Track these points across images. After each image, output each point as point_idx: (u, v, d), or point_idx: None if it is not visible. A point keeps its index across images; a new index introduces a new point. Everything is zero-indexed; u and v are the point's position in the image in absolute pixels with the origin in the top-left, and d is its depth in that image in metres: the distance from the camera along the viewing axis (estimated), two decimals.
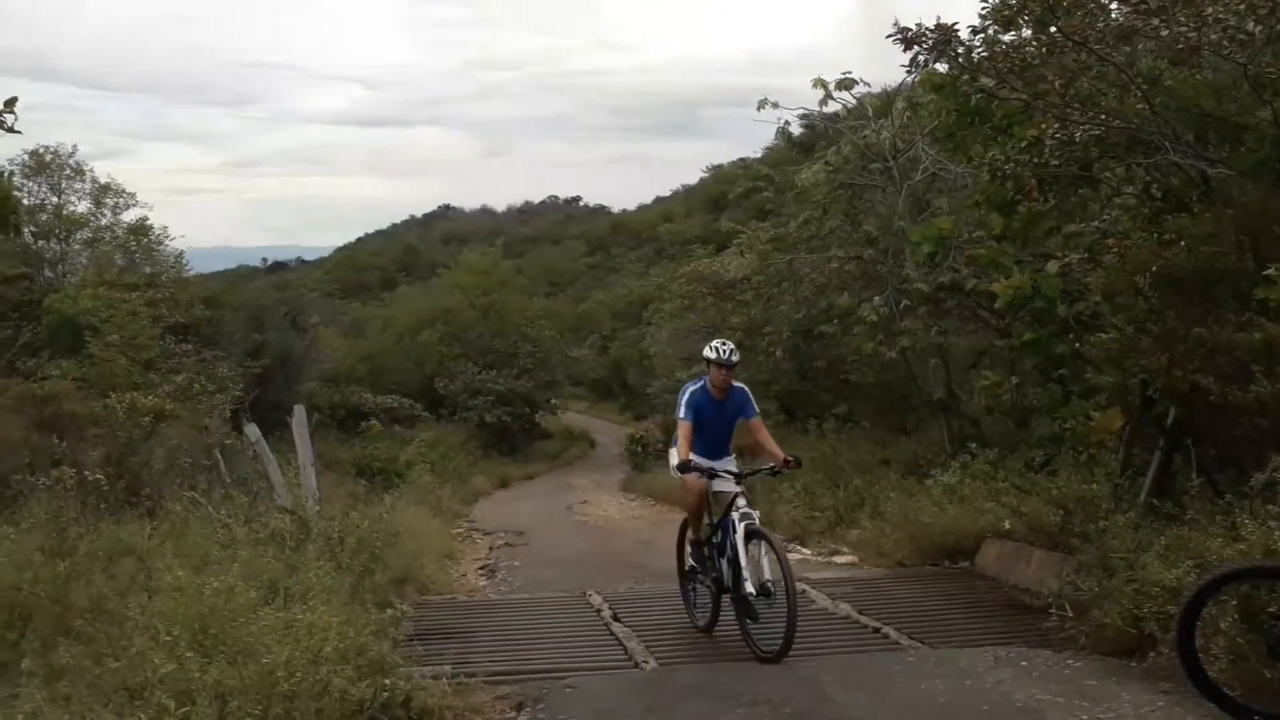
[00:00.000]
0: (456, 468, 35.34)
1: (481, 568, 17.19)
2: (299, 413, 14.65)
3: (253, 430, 15.59)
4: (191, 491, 12.19)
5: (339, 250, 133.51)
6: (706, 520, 10.57)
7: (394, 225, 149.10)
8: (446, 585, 14.44)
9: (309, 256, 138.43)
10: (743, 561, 9.61)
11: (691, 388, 10.57)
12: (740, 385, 10.70)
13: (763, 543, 9.70)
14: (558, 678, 8.95)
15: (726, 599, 10.25)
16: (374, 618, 8.80)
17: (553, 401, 59.70)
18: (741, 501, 9.90)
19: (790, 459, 10.42)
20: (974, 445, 15.72)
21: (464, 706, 8.02)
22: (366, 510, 13.59)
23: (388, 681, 7.57)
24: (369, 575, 10.86)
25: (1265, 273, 9.22)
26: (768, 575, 9.50)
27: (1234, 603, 7.56)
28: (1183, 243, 10.11)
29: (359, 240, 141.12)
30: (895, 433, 21.22)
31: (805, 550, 16.70)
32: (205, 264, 56.52)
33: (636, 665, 9.59)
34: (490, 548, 19.84)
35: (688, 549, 11.03)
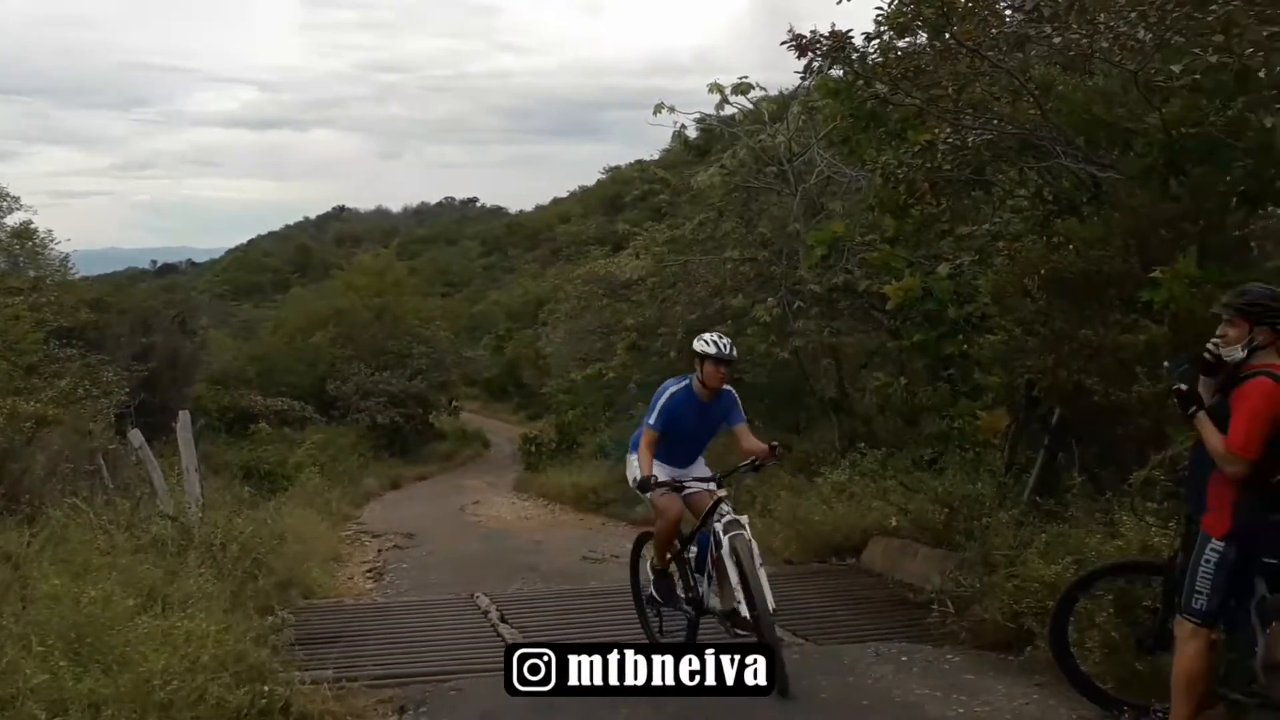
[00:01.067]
0: (347, 470, 35.08)
1: (369, 571, 17.09)
2: (183, 418, 14.42)
3: (136, 435, 15.26)
4: (73, 498, 11.81)
5: (231, 252, 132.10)
6: (679, 538, 9.26)
7: (287, 227, 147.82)
8: (332, 589, 14.28)
9: (200, 259, 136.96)
10: (732, 579, 8.32)
11: (672, 388, 9.18)
12: (728, 388, 9.31)
13: (753, 560, 8.31)
14: (442, 680, 8.90)
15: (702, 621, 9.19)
16: (254, 624, 8.72)
17: (454, 404, 59.53)
18: (724, 507, 8.66)
19: (774, 445, 9.16)
20: (863, 444, 15.91)
21: (345, 711, 7.96)
22: (251, 515, 13.36)
23: (266, 688, 7.50)
24: (251, 581, 10.72)
25: (1150, 275, 9.37)
26: (740, 598, 8.28)
27: (1110, 598, 7.70)
28: (1071, 246, 10.26)
29: (251, 242, 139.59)
30: (788, 432, 21.25)
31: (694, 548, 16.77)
32: (93, 267, 55.76)
33: None
34: (379, 550, 19.72)
35: (648, 575, 9.61)
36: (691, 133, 27.79)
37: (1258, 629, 6.18)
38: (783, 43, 12.00)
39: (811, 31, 11.92)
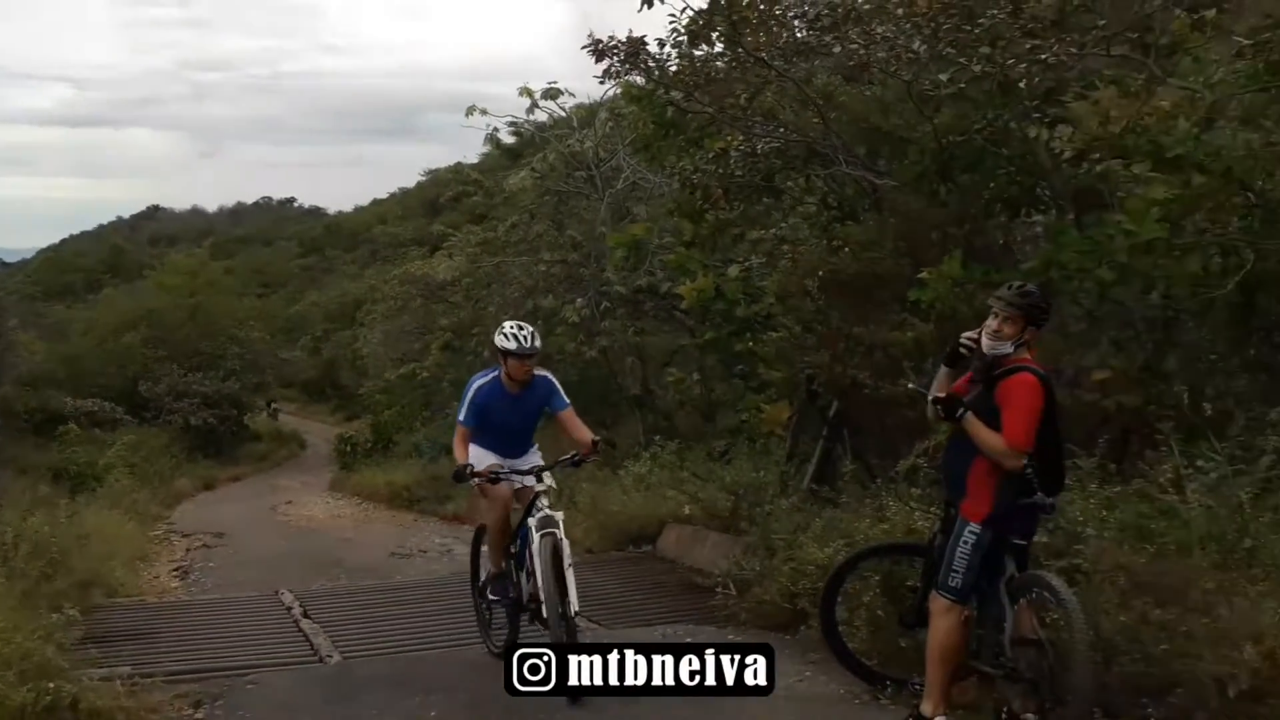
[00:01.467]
0: (159, 471, 33.95)
1: (176, 569, 16.78)
2: None
3: None
4: None
5: (42, 252, 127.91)
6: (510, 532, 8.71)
7: (101, 226, 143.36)
8: (136, 588, 14.00)
9: (10, 259, 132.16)
10: (540, 580, 7.92)
11: (479, 382, 8.65)
12: (544, 374, 8.80)
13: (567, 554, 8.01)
14: (240, 675, 8.81)
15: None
16: (45, 622, 8.52)
17: (272, 405, 58.54)
18: (541, 502, 8.20)
19: (597, 440, 8.65)
20: (658, 437, 16.19)
21: (139, 706, 7.81)
22: (49, 515, 13.07)
23: (52, 685, 7.33)
24: (46, 580, 10.48)
25: (919, 276, 9.73)
26: (572, 597, 7.90)
27: (877, 579, 8.01)
28: (848, 249, 10.61)
29: (64, 242, 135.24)
30: (596, 427, 21.47)
31: None
32: None
33: (321, 660, 9.51)
34: (187, 550, 19.32)
35: (484, 572, 9.11)
36: (505, 137, 27.84)
37: (1006, 606, 6.44)
38: (583, 47, 12.19)
39: (610, 37, 12.10)
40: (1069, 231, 9.14)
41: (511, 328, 8.43)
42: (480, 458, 8.57)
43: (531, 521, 8.19)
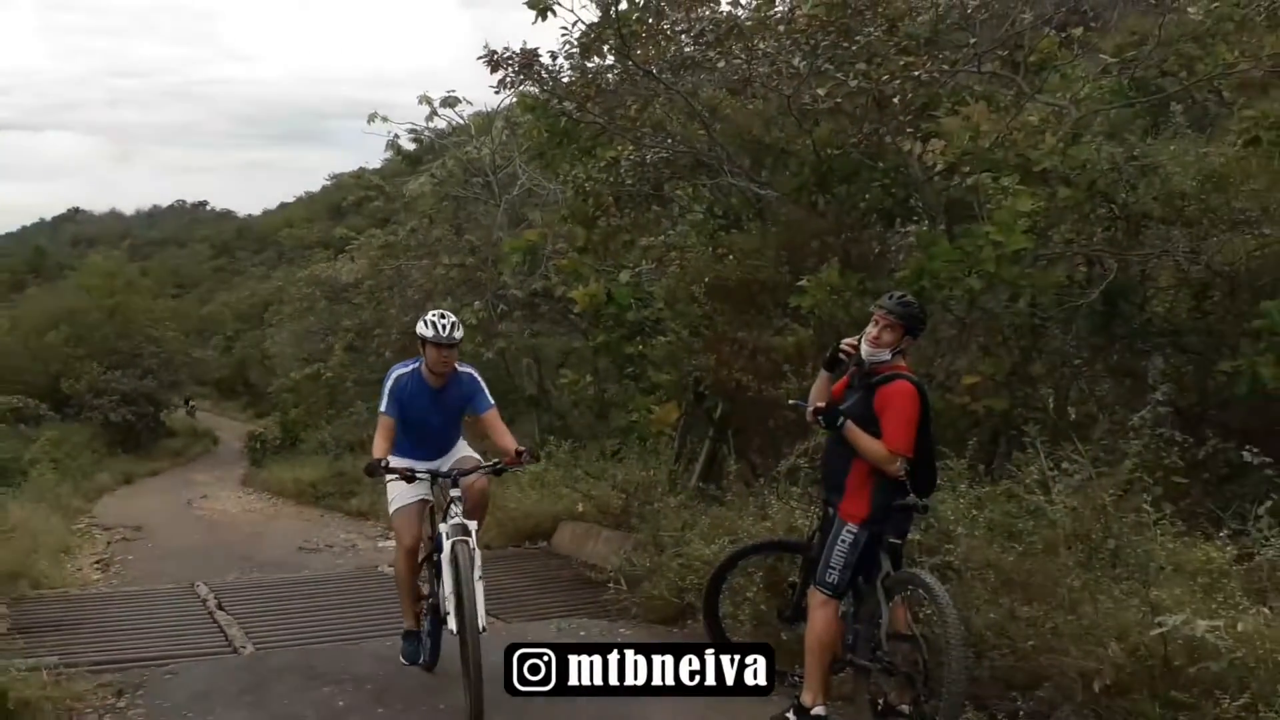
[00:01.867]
0: (81, 466, 33.74)
1: (97, 562, 16.57)
2: None
3: None
4: None
5: None
6: (428, 536, 8.01)
7: (24, 228, 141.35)
8: (60, 580, 13.78)
9: None
10: (446, 587, 7.31)
11: (399, 371, 7.87)
12: (468, 370, 7.93)
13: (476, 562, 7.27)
14: (160, 664, 8.69)
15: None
16: None
17: (190, 403, 57.91)
18: (455, 510, 7.41)
19: (521, 451, 7.67)
20: (551, 437, 16.08)
21: (64, 695, 7.74)
22: None
23: None
24: None
25: (799, 283, 9.68)
26: (450, 608, 7.23)
27: (760, 575, 7.95)
28: (732, 256, 10.55)
29: None
30: None
31: None
32: None
33: (235, 650, 9.42)
34: (108, 543, 19.10)
35: (395, 569, 8.54)
36: (406, 143, 27.66)
37: (882, 602, 6.40)
38: (479, 57, 12.03)
39: (504, 48, 11.97)
40: (940, 241, 9.13)
41: (433, 315, 7.69)
42: (397, 460, 7.68)
43: (444, 527, 7.43)
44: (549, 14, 11.53)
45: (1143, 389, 9.04)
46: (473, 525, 7.41)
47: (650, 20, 11.35)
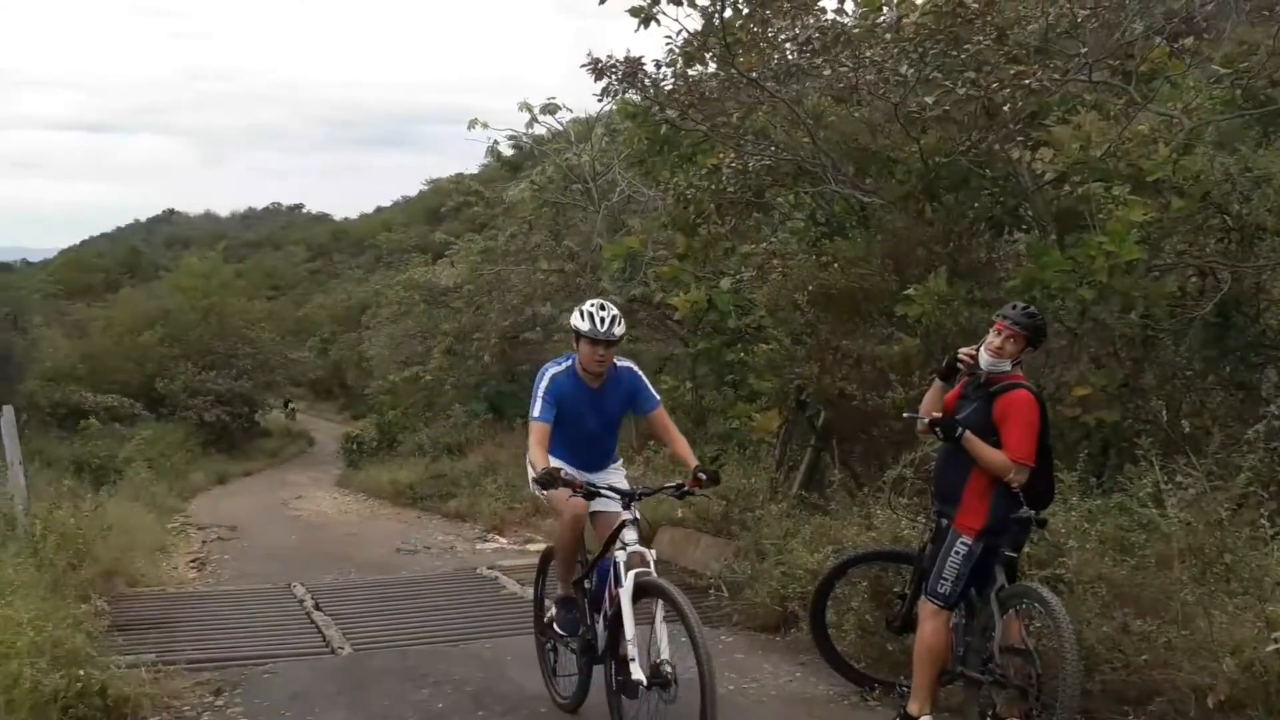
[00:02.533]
0: (175, 465, 33.75)
1: (193, 561, 16.59)
2: (7, 413, 13.92)
3: None
4: None
5: (64, 252, 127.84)
6: (581, 558, 7.17)
7: (119, 229, 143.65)
8: (156, 578, 13.85)
9: (35, 258, 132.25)
10: (628, 629, 6.27)
11: (553, 370, 6.95)
12: (627, 365, 7.13)
13: (659, 601, 6.28)
14: (257, 664, 8.80)
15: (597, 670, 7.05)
16: (73, 611, 8.44)
17: (291, 405, 58.45)
18: (630, 535, 6.48)
19: (704, 475, 6.72)
20: (651, 443, 16.09)
21: (162, 693, 7.83)
22: (75, 506, 12.75)
23: (83, 672, 7.29)
24: (73, 570, 10.36)
25: (905, 292, 9.65)
26: (665, 654, 6.18)
27: (865, 585, 7.95)
28: (837, 264, 10.53)
29: (84, 242, 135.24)
30: None
31: (502, 539, 16.95)
32: None
33: (333, 651, 9.46)
34: (203, 542, 19.11)
35: (550, 604, 7.50)
36: (505, 149, 27.85)
37: (996, 615, 6.39)
38: (581, 65, 12.10)
39: (608, 56, 12.03)
40: (1052, 251, 9.06)
41: (591, 305, 6.83)
42: (569, 472, 6.77)
43: (619, 556, 6.49)
44: (654, 22, 11.60)
45: (1257, 402, 8.95)
46: (651, 555, 6.52)
47: (754, 28, 11.35)
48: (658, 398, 7.18)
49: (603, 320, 6.66)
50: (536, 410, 6.81)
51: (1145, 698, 6.32)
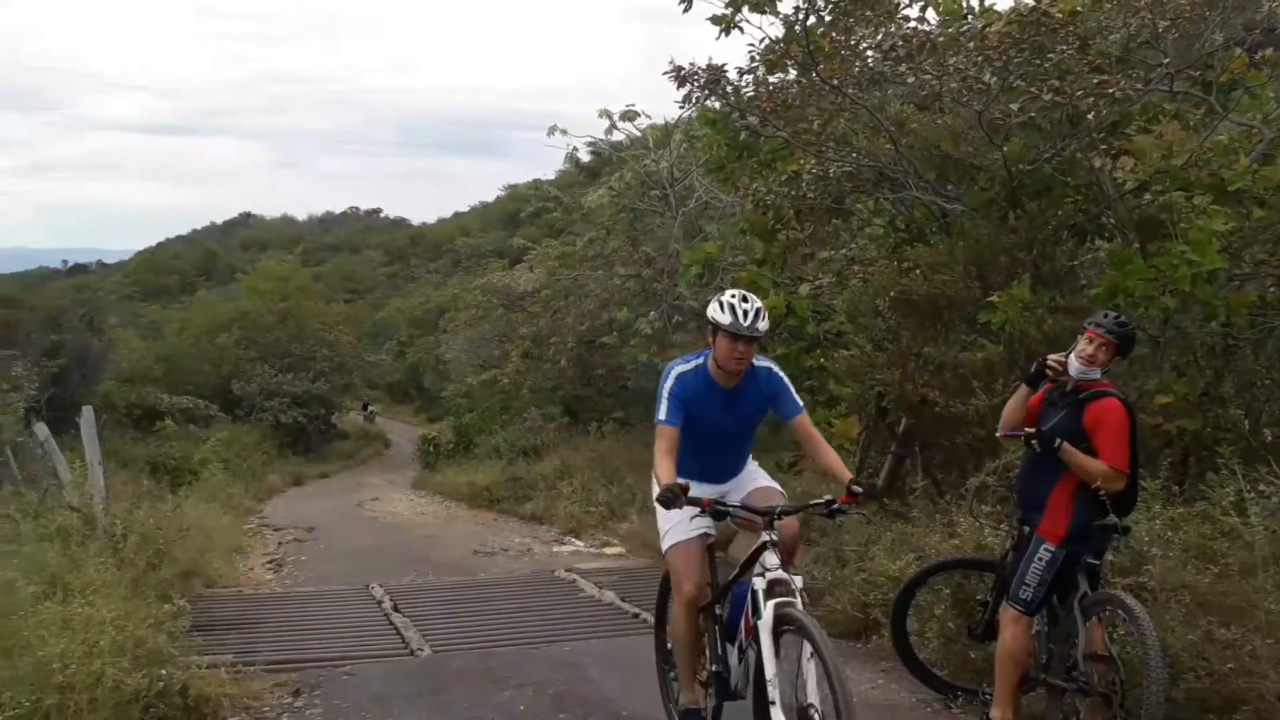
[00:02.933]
0: (251, 466, 34.40)
1: (269, 562, 16.80)
2: (87, 413, 14.18)
3: (41, 429, 14.91)
4: None
5: (140, 254, 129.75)
6: (711, 579, 6.38)
7: (195, 231, 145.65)
8: (234, 579, 14.09)
9: (110, 260, 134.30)
10: (769, 666, 5.55)
11: (680, 368, 6.25)
12: (766, 364, 6.33)
13: (803, 640, 5.44)
14: (336, 665, 8.91)
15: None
16: (154, 611, 8.58)
17: (371, 409, 58.83)
18: (771, 560, 5.68)
19: (860, 488, 5.92)
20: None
21: (241, 693, 7.95)
22: (154, 507, 13.13)
23: (164, 672, 7.42)
24: (152, 570, 10.54)
25: (988, 299, 9.66)
26: (812, 697, 5.41)
27: (947, 592, 7.97)
28: (919, 270, 10.54)
29: (160, 245, 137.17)
30: None
31: (578, 543, 17.03)
32: (1, 266, 54.38)
33: (412, 653, 9.55)
34: (280, 543, 19.34)
35: (672, 624, 6.56)
36: (583, 155, 28.02)
37: (1079, 622, 6.42)
38: (664, 73, 12.13)
39: (690, 64, 12.08)
40: (1135, 259, 9.04)
41: (731, 296, 6.04)
42: (697, 489, 5.97)
43: (759, 583, 5.71)
44: (736, 29, 11.68)
45: None
46: (798, 582, 5.72)
47: (837, 36, 11.38)
48: (800, 403, 6.40)
49: (745, 313, 5.93)
50: (663, 413, 6.11)
51: (1230, 706, 6.27)
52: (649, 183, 21.45)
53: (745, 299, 5.97)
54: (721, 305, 6.00)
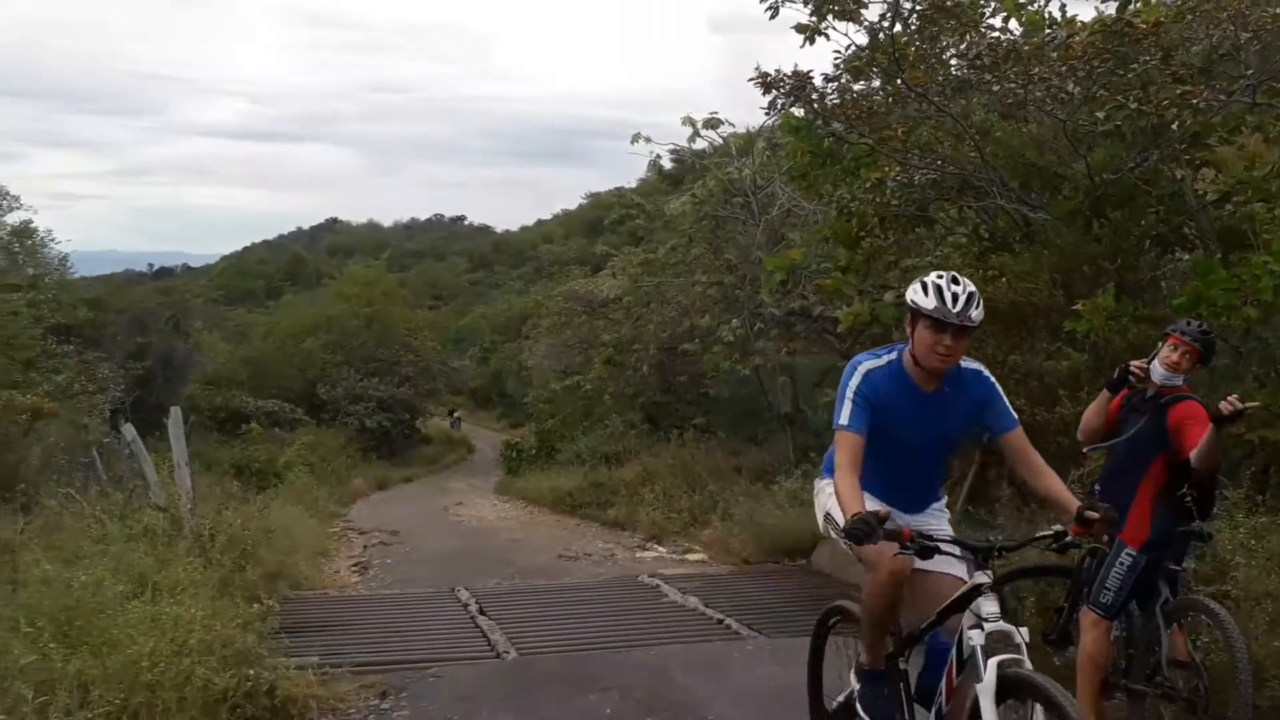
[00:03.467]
0: (335, 470, 34.61)
1: (355, 565, 16.88)
2: (175, 414, 14.39)
3: (129, 430, 15.17)
4: (67, 488, 11.77)
5: (226, 258, 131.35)
6: (897, 629, 5.25)
7: (281, 236, 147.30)
8: (319, 581, 14.17)
9: (196, 263, 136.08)
10: None
11: (867, 364, 5.17)
12: (974, 366, 5.26)
13: (1036, 706, 4.30)
14: (423, 667, 8.95)
15: None
16: (241, 611, 8.66)
17: (457, 415, 59.14)
18: (988, 607, 4.62)
19: (1097, 515, 4.79)
20: (814, 455, 16.21)
21: (328, 695, 8.01)
22: (240, 508, 13.25)
23: (252, 672, 7.49)
24: (239, 571, 10.66)
25: (1074, 308, 9.67)
26: None
27: (1031, 600, 8.02)
28: (1004, 279, 10.56)
29: (246, 249, 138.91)
30: (747, 442, 21.62)
31: (661, 548, 17.07)
32: (91, 268, 55.14)
33: (499, 655, 9.58)
34: (365, 546, 19.45)
35: (845, 679, 5.68)
36: (666, 163, 28.12)
37: (1161, 628, 6.45)
38: (749, 79, 12.21)
39: (776, 71, 12.15)
40: (1217, 269, 9.02)
41: (939, 277, 5.00)
42: (870, 505, 4.81)
43: (973, 636, 4.60)
44: (821, 37, 11.76)
45: None
46: (1023, 634, 4.63)
47: (921, 44, 11.43)
48: (1015, 415, 5.28)
49: (955, 297, 4.87)
50: (844, 416, 5.02)
51: None
52: (731, 190, 21.48)
53: (955, 280, 4.95)
54: (925, 287, 4.96)
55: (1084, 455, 8.37)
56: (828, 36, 11.72)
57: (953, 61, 11.54)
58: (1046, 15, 11.86)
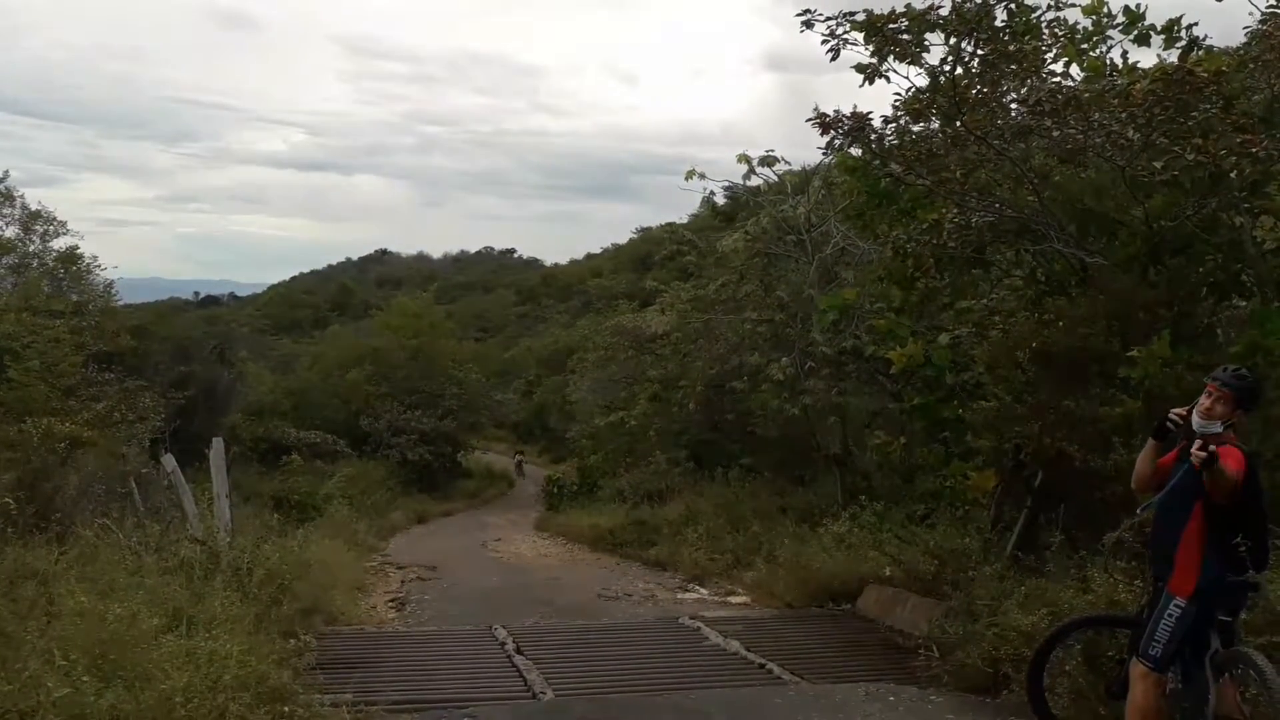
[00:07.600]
0: (375, 503, 34.67)
1: (392, 600, 16.87)
2: (217, 445, 14.49)
3: (169, 460, 15.31)
4: (104, 518, 11.83)
5: (273, 288, 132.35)
6: None
7: (330, 266, 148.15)
8: (356, 617, 14.17)
9: (243, 293, 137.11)
10: None
11: None
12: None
13: None
14: (459, 707, 8.93)
15: None
16: (277, 647, 8.75)
17: (519, 456, 59.13)
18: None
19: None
20: (863, 498, 16.25)
21: None
22: (278, 542, 13.31)
23: (286, 709, 7.52)
24: (276, 605, 10.70)
25: (1129, 354, 9.76)
26: None
27: (1079, 648, 8.03)
28: (1060, 323, 10.62)
29: (293, 279, 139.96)
30: (794, 483, 21.60)
31: (703, 590, 17.05)
32: (136, 295, 55.49)
33: (535, 696, 9.56)
34: (402, 581, 19.46)
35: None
36: (719, 199, 28.17)
37: (1210, 680, 6.49)
38: (808, 120, 12.29)
39: (835, 111, 12.26)
40: (1275, 318, 9.09)
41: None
42: None
43: None
44: (882, 78, 11.86)
45: None
46: None
47: (981, 88, 11.52)
48: None
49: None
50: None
51: None
52: (785, 227, 21.58)
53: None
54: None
55: (1137, 502, 8.46)
56: (888, 79, 11.80)
57: (1013, 106, 11.62)
58: (1108, 62, 11.95)
